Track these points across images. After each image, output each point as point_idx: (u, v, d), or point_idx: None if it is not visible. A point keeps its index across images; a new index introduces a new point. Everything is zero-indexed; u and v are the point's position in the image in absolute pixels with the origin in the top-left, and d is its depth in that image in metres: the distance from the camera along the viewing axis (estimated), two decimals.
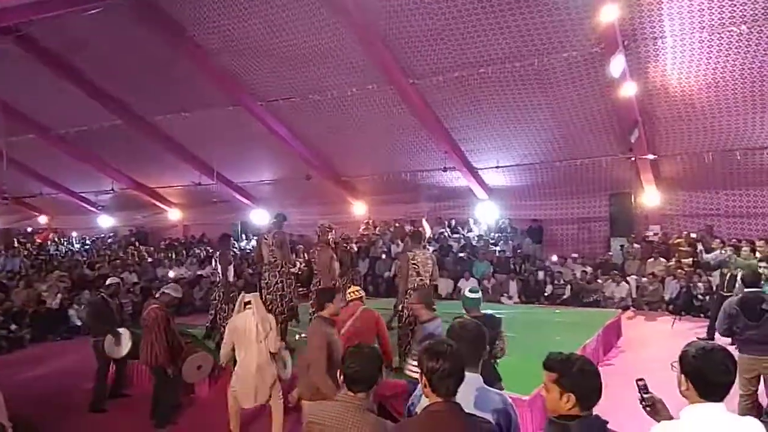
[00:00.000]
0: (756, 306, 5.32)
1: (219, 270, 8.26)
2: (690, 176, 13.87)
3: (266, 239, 8.01)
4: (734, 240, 12.43)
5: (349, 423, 2.63)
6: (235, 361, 5.61)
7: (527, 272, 14.29)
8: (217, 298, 8.35)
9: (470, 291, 4.83)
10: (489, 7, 10.60)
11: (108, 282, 7.72)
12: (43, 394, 7.16)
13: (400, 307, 6.93)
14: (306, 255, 11.67)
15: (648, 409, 2.56)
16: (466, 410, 2.60)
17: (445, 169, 15.31)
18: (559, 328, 9.06)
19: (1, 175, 17.18)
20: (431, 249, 15.32)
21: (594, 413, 2.39)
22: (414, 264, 7.01)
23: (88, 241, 23.71)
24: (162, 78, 14.42)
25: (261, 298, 7.55)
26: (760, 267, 5.88)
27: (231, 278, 8.34)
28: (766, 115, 11.57)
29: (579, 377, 2.39)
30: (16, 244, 22.85)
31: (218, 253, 8.41)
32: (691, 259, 12.67)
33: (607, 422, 2.36)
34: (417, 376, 2.57)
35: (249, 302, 5.64)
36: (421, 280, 6.96)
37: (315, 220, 14.06)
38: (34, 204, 25.06)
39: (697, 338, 6.37)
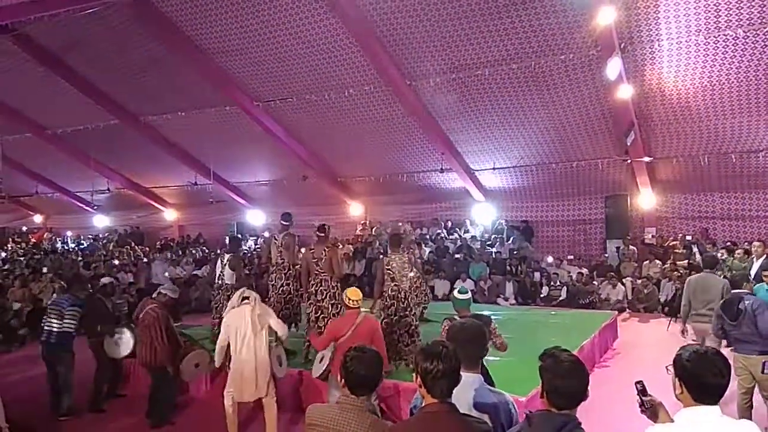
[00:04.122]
0: (734, 306, 5.45)
1: (226, 274, 8.14)
2: (686, 179, 13.94)
3: (275, 240, 7.99)
4: (729, 243, 12.49)
5: (350, 425, 2.64)
6: (229, 360, 5.61)
7: (523, 274, 14.30)
8: (222, 302, 8.16)
9: (459, 292, 4.83)
10: (486, 9, 10.64)
11: (102, 282, 7.70)
12: (39, 393, 7.12)
13: (374, 311, 6.96)
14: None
15: (648, 412, 2.55)
16: (464, 410, 2.61)
17: (441, 171, 15.33)
18: (556, 330, 9.08)
19: None
20: (428, 250, 15.44)
21: (568, 413, 2.32)
22: (389, 269, 7.00)
23: (83, 241, 23.64)
24: (158, 78, 14.40)
25: (267, 299, 7.54)
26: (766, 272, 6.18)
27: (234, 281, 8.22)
28: (761, 118, 11.64)
29: (547, 372, 2.37)
30: (10, 244, 22.85)
31: (229, 256, 8.26)
32: (686, 261, 12.72)
33: (579, 424, 2.30)
34: None
35: (247, 297, 5.64)
36: (396, 285, 6.94)
37: (311, 220, 14.07)
38: (29, 203, 25.00)
39: (692, 340, 6.44)
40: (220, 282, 8.20)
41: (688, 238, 13.79)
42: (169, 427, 6.40)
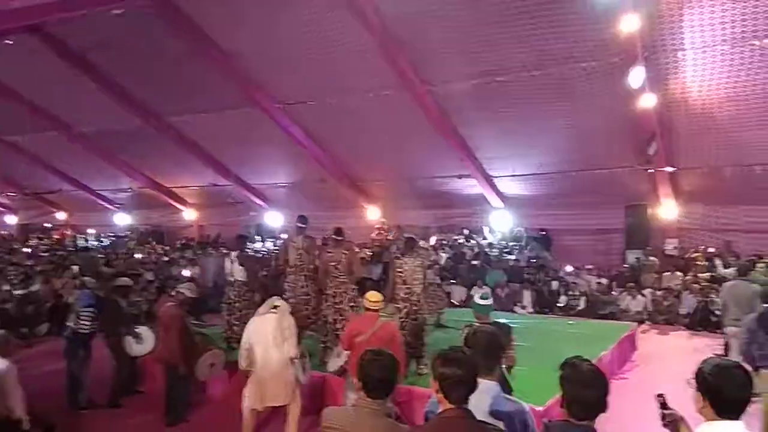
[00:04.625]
0: None
1: (237, 271, 8.20)
2: (709, 190, 13.72)
3: (294, 242, 8.02)
4: (753, 256, 12.28)
5: (366, 428, 2.64)
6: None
7: (541, 282, 14.19)
8: (232, 299, 8.28)
9: (481, 298, 4.82)
10: (508, 16, 10.60)
11: (118, 283, 7.78)
12: (59, 387, 7.23)
13: (385, 314, 6.96)
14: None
15: (669, 426, 2.51)
16: (480, 417, 2.60)
17: (460, 176, 15.28)
18: (574, 340, 8.99)
19: (22, 170, 17.46)
20: (445, 256, 15.40)
21: (587, 424, 2.32)
22: (400, 272, 6.99)
23: (104, 239, 23.96)
24: (181, 79, 14.57)
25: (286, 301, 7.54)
26: None
27: (245, 278, 8.30)
28: None
29: (567, 382, 2.36)
30: (34, 240, 23.23)
31: (235, 254, 8.34)
32: (708, 273, 12.54)
33: None
34: None
35: (277, 306, 5.66)
36: (408, 288, 6.93)
37: (328, 224, 14.10)
38: (52, 200, 25.38)
39: (714, 354, 6.34)
40: (231, 279, 8.31)
41: (711, 250, 13.59)
42: (184, 426, 6.46)
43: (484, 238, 16.84)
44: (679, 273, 13.23)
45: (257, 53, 13.19)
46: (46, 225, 26.62)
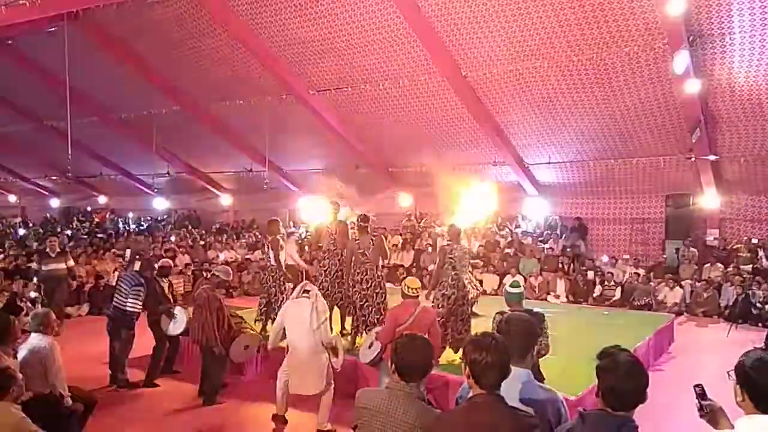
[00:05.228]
0: None
1: (271, 255, 8.39)
2: (753, 179, 13.29)
3: (328, 227, 8.15)
4: None
5: (398, 410, 2.66)
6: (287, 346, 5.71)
7: (576, 271, 13.99)
8: (268, 282, 8.47)
9: (511, 285, 4.78)
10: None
11: (159, 263, 7.97)
12: (99, 365, 7.45)
13: (430, 298, 7.02)
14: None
15: (707, 417, 2.45)
16: (511, 404, 2.58)
17: (494, 164, 15.12)
18: (609, 330, 8.87)
19: (64, 155, 17.93)
20: (477, 244, 15.30)
21: (625, 414, 2.27)
22: (451, 258, 7.02)
23: (143, 223, 24.55)
24: (218, 66, 14.74)
25: (318, 285, 7.60)
26: None
27: (281, 263, 8.46)
28: None
29: (604, 372, 2.32)
30: (75, 222, 23.97)
31: (269, 239, 8.51)
32: (750, 265, 12.17)
33: (636, 427, 2.25)
34: None
35: (308, 291, 5.71)
36: (456, 274, 6.96)
37: (360, 209, 14.13)
38: (94, 184, 26.07)
39: (755, 347, 6.17)
40: (266, 264, 8.65)
41: (754, 241, 13.18)
42: (219, 406, 6.59)
43: (518, 226, 16.67)
44: (720, 264, 12.89)
45: (293, 40, 13.22)
46: (87, 208, 27.40)
